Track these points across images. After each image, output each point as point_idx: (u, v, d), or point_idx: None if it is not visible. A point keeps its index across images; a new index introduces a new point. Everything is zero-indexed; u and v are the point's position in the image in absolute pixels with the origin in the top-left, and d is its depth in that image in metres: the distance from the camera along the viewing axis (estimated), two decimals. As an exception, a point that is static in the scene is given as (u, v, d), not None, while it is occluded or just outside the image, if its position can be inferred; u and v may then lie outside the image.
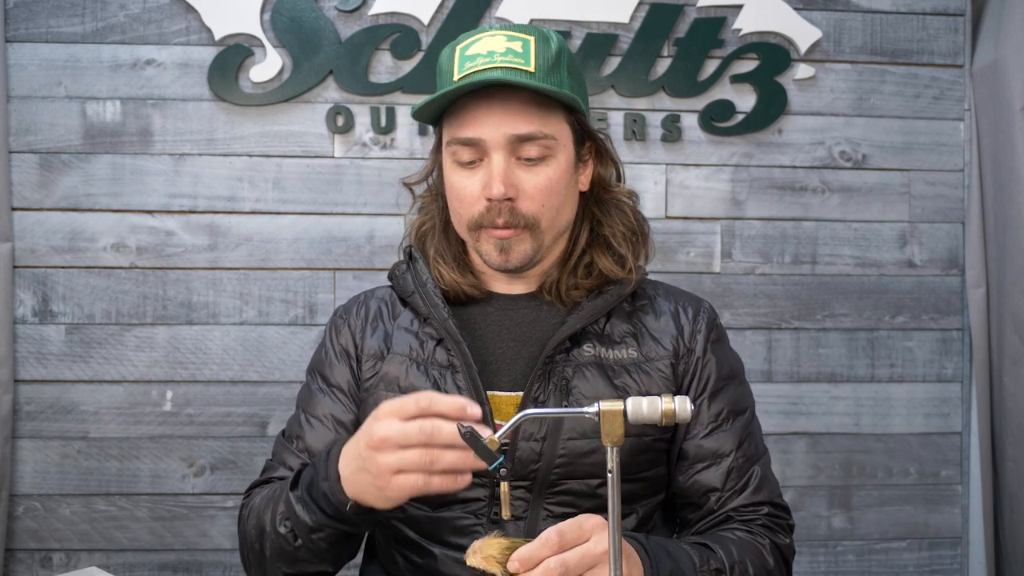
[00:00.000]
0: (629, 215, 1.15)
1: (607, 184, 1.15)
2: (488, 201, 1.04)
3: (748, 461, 1.09)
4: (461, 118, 1.04)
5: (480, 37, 1.05)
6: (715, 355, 1.12)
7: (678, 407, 0.80)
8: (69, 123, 1.85)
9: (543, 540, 0.83)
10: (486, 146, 1.04)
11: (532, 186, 1.04)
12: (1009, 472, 1.90)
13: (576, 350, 1.08)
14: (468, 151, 1.05)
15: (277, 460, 1.13)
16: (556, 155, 1.06)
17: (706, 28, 1.92)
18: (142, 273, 1.86)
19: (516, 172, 1.04)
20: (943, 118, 1.98)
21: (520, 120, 1.03)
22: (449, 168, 1.08)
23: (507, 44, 1.04)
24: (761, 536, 1.05)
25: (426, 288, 1.11)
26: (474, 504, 1.05)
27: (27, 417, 1.84)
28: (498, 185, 1.02)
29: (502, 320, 1.11)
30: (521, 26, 1.08)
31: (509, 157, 1.04)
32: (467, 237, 1.09)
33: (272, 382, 1.88)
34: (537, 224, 1.06)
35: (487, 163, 1.04)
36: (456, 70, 1.04)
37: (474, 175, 1.05)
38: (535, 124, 1.04)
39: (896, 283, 1.99)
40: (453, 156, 1.06)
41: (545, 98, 1.04)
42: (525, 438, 1.04)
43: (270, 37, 1.86)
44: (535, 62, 1.03)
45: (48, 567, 1.85)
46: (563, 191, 1.08)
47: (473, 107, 1.03)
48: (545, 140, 1.04)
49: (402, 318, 1.14)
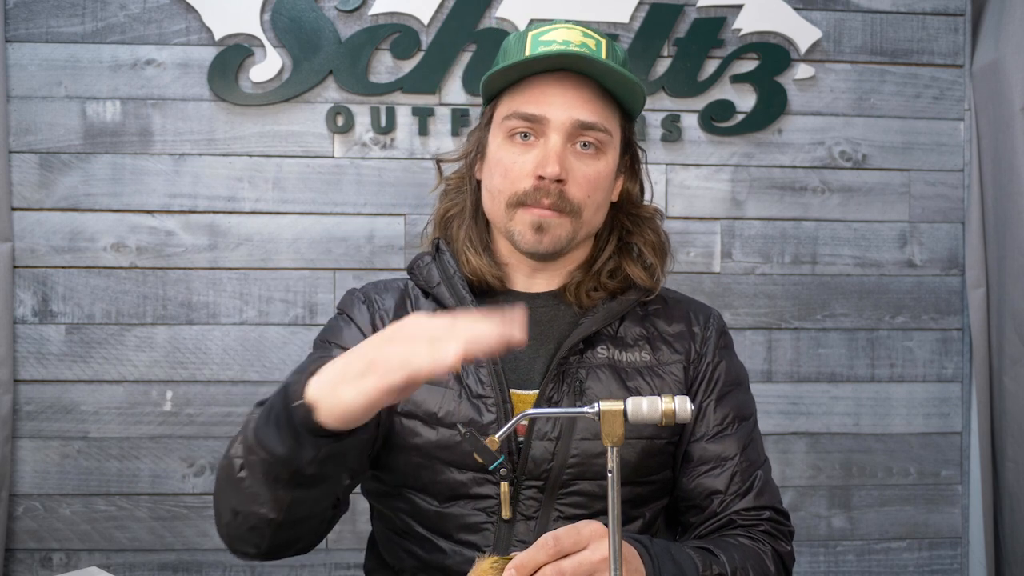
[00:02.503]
0: (658, 232, 1.18)
1: (635, 200, 1.17)
2: (538, 180, 1.04)
3: (751, 466, 1.10)
4: (528, 93, 1.05)
5: (556, 27, 1.08)
6: (724, 361, 1.14)
7: (678, 407, 0.81)
8: (69, 123, 1.85)
9: (539, 545, 0.83)
10: (547, 126, 1.05)
11: (582, 175, 1.06)
12: (1009, 472, 1.90)
13: (590, 352, 1.08)
14: (528, 127, 1.06)
15: None
16: (607, 152, 1.08)
17: (706, 28, 1.92)
18: (142, 273, 1.86)
19: (570, 158, 1.06)
20: (943, 118, 1.98)
21: (587, 108, 1.05)
22: (499, 144, 1.08)
23: (583, 39, 1.07)
24: (763, 543, 1.05)
25: (453, 280, 1.11)
26: (484, 501, 1.04)
27: (27, 417, 1.84)
28: (554, 165, 1.03)
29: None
30: (594, 28, 1.12)
31: (566, 141, 1.05)
32: (502, 216, 1.08)
33: (272, 382, 1.88)
34: (580, 213, 1.07)
35: (544, 143, 1.05)
36: (528, 49, 1.06)
37: (527, 152, 1.06)
38: (599, 115, 1.06)
39: (896, 283, 1.99)
40: (509, 130, 1.07)
41: (609, 97, 1.07)
42: (539, 437, 1.04)
43: (270, 37, 1.86)
44: (608, 60, 1.06)
45: (48, 567, 1.85)
46: (606, 189, 1.10)
47: (543, 85, 1.05)
48: (603, 133, 1.06)
49: (425, 309, 1.13)
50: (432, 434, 1.05)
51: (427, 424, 1.06)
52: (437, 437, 1.05)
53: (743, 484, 1.08)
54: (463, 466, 1.05)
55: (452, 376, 1.06)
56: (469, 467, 1.04)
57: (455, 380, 1.06)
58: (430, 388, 1.06)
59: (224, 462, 0.93)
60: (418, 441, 1.06)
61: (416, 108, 1.89)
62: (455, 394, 1.06)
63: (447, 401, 1.05)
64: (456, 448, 1.04)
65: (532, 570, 0.83)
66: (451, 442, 1.05)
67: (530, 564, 0.83)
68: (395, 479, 1.10)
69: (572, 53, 1.02)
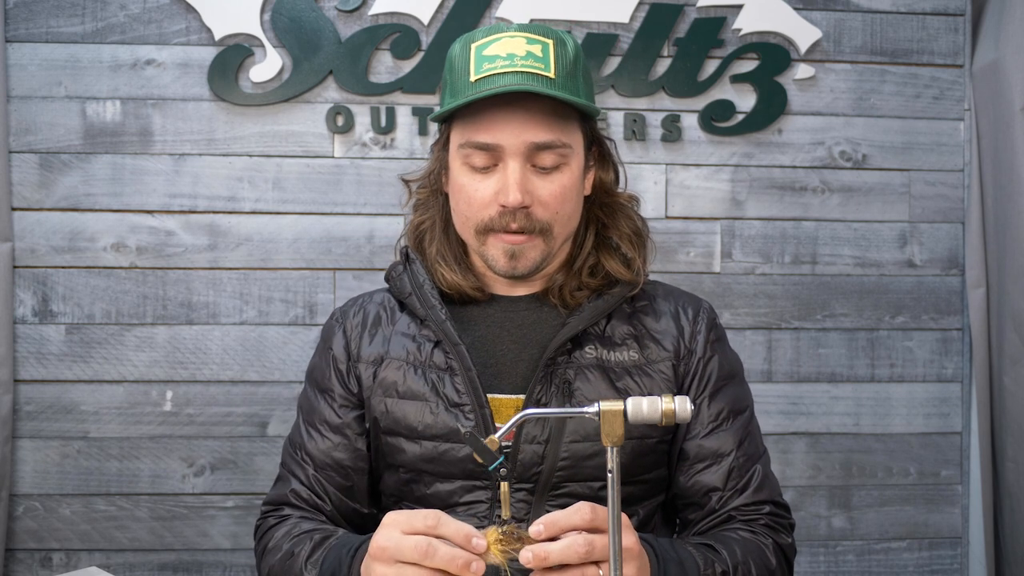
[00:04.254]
0: (633, 219, 1.15)
1: (609, 188, 1.15)
2: (502, 207, 1.03)
3: (749, 460, 1.09)
4: (478, 122, 1.02)
5: (499, 37, 1.03)
6: (715, 355, 1.12)
7: (678, 407, 0.80)
8: (69, 123, 1.85)
9: (575, 509, 0.83)
10: (503, 152, 1.02)
11: (547, 193, 1.04)
12: (1009, 472, 1.90)
13: (578, 352, 1.07)
14: (483, 156, 1.03)
15: (287, 469, 1.14)
16: (570, 163, 1.05)
17: (706, 28, 1.92)
18: (142, 273, 1.86)
19: (531, 179, 1.03)
20: (943, 118, 1.98)
21: (540, 128, 1.02)
22: (459, 170, 1.06)
23: (527, 47, 1.02)
24: (764, 536, 1.05)
25: (423, 289, 1.10)
26: (476, 507, 1.05)
27: (27, 417, 1.84)
28: (515, 193, 1.01)
29: (503, 322, 1.11)
30: (537, 27, 1.05)
31: (525, 164, 1.03)
32: (472, 241, 1.08)
33: (272, 382, 1.88)
34: (550, 230, 1.05)
35: (502, 169, 1.03)
36: (473, 70, 1.02)
37: (487, 179, 1.04)
38: (554, 132, 1.02)
39: (896, 283, 1.99)
40: (465, 159, 1.04)
41: (564, 106, 1.03)
42: (528, 440, 1.03)
43: (270, 37, 1.86)
44: (555, 68, 1.01)
45: (48, 567, 1.85)
46: (575, 198, 1.08)
47: (492, 112, 1.01)
48: (562, 149, 1.03)
49: (400, 322, 1.13)
50: (416, 448, 1.06)
51: (410, 439, 1.07)
52: (421, 451, 1.06)
53: (741, 479, 1.07)
54: (449, 476, 1.05)
55: (429, 388, 1.06)
56: (455, 476, 1.05)
57: (432, 392, 1.06)
58: (409, 403, 1.07)
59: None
60: (403, 458, 1.07)
61: (416, 108, 1.89)
62: (433, 406, 1.06)
63: (426, 414, 1.06)
64: (440, 459, 1.05)
65: (562, 531, 0.82)
66: (434, 454, 1.05)
67: (561, 524, 0.82)
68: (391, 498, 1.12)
69: (511, 90, 0.98)
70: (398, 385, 1.08)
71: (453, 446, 1.04)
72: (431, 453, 1.05)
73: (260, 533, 1.11)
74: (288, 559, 1.01)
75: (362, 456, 1.12)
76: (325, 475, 1.11)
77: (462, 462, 1.04)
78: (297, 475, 1.12)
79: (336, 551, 0.96)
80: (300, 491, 1.10)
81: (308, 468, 1.11)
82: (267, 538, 1.08)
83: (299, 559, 0.99)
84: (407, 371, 1.08)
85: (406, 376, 1.08)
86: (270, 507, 1.13)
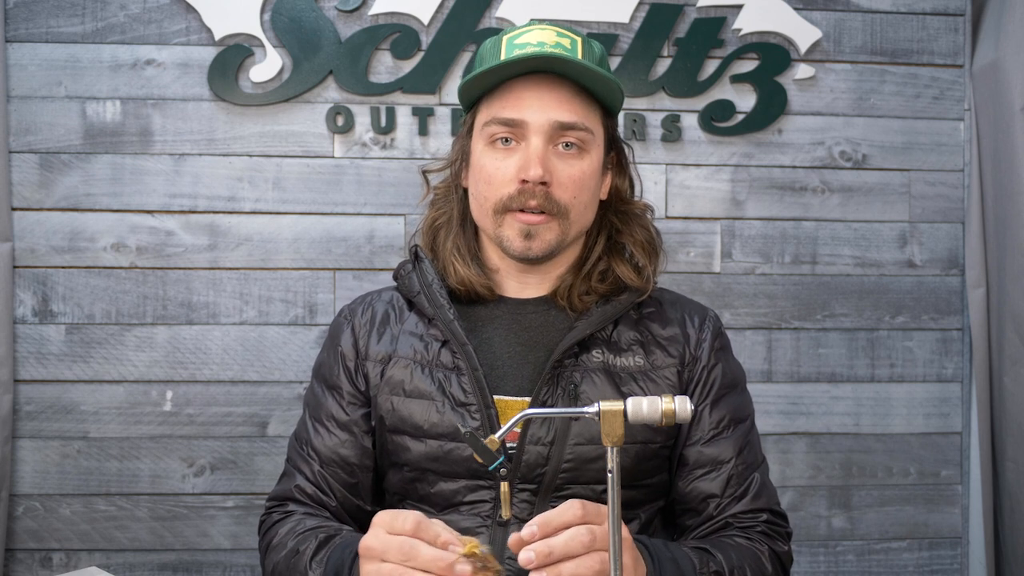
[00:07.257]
0: (648, 228, 1.17)
1: (624, 196, 1.17)
2: (522, 184, 1.04)
3: (748, 468, 1.09)
4: (505, 98, 1.05)
5: (530, 28, 1.08)
6: (719, 363, 1.13)
7: (678, 407, 0.81)
8: (69, 123, 1.85)
9: (566, 506, 0.84)
10: (527, 129, 1.04)
11: (567, 176, 1.06)
12: (1009, 472, 1.90)
13: (585, 355, 1.08)
14: (507, 132, 1.06)
15: (292, 465, 1.14)
16: (590, 151, 1.08)
17: (706, 28, 1.92)
18: (142, 273, 1.86)
19: (552, 160, 1.06)
20: (943, 118, 1.98)
21: (565, 108, 1.05)
22: (482, 150, 1.08)
23: (557, 39, 1.07)
24: (760, 543, 1.05)
25: (431, 288, 1.11)
26: (479, 506, 1.05)
27: (27, 417, 1.84)
28: (536, 167, 1.03)
29: (510, 324, 1.11)
30: (567, 27, 1.12)
31: (547, 143, 1.05)
32: (490, 223, 1.09)
33: (272, 382, 1.88)
34: (567, 214, 1.07)
35: (525, 146, 1.05)
36: (504, 53, 1.06)
37: (509, 157, 1.06)
38: (578, 115, 1.05)
39: (896, 283, 1.99)
40: (490, 136, 1.07)
41: (587, 95, 1.07)
42: (533, 442, 1.04)
43: (270, 37, 1.86)
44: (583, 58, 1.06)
45: (48, 567, 1.85)
46: (592, 188, 1.10)
47: (520, 89, 1.05)
48: (584, 132, 1.06)
49: (408, 321, 1.13)
50: (421, 447, 1.06)
51: (415, 438, 1.07)
52: (426, 449, 1.06)
53: (739, 487, 1.08)
54: (453, 475, 1.05)
55: (436, 387, 1.07)
56: (460, 475, 1.05)
57: (439, 391, 1.06)
58: (415, 401, 1.07)
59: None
60: (408, 456, 1.07)
61: (416, 108, 1.89)
62: (440, 404, 1.06)
63: (432, 413, 1.06)
64: (445, 458, 1.05)
65: (557, 529, 0.83)
66: (439, 453, 1.05)
67: (555, 523, 0.83)
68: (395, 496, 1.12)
69: (545, 54, 1.02)
70: (405, 384, 1.09)
71: (458, 445, 1.05)
72: (436, 452, 1.05)
73: (264, 529, 1.11)
74: (293, 556, 1.01)
75: (368, 454, 1.12)
76: (331, 471, 1.11)
77: (466, 461, 1.04)
78: (303, 470, 1.12)
79: (340, 551, 0.97)
80: (305, 487, 1.11)
81: (314, 464, 1.11)
82: (271, 534, 1.08)
83: (304, 557, 1.00)
84: (414, 370, 1.09)
85: (413, 375, 1.09)
86: (275, 502, 1.14)
